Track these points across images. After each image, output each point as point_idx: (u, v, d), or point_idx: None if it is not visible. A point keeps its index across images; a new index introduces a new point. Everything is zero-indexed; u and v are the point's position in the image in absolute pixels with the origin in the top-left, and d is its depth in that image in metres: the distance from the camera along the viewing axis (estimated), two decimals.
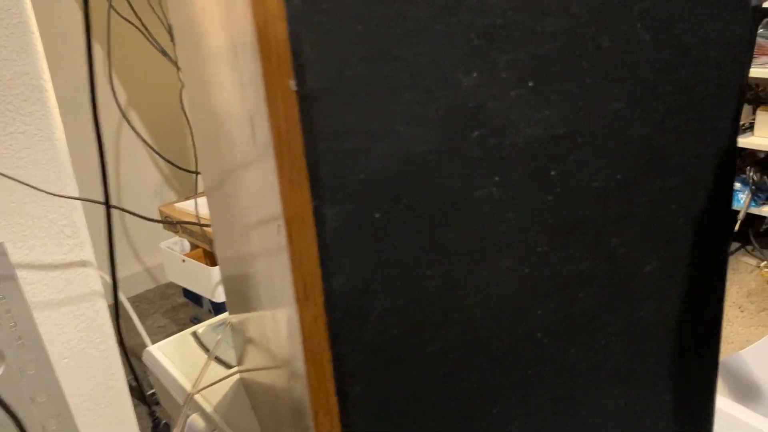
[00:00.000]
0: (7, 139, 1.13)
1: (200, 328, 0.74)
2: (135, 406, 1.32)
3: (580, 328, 0.37)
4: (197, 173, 2.03)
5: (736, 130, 0.37)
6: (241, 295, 0.56)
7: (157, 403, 0.99)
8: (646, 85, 0.34)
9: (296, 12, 0.27)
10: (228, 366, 0.67)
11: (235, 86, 0.35)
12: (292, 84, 0.28)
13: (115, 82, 2.15)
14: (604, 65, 0.32)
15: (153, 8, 1.79)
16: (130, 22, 1.82)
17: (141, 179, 2.34)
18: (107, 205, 0.85)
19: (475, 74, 0.30)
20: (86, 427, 1.30)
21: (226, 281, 0.61)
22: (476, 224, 0.32)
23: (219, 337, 0.70)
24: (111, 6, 1.79)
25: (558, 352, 0.37)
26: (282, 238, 0.31)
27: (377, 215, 0.31)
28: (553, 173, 0.33)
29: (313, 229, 0.30)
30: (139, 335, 1.96)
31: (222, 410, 0.61)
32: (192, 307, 1.97)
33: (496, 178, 0.32)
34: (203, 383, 0.64)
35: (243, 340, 0.62)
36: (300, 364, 0.34)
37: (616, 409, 0.40)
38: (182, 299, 2.37)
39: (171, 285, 2.50)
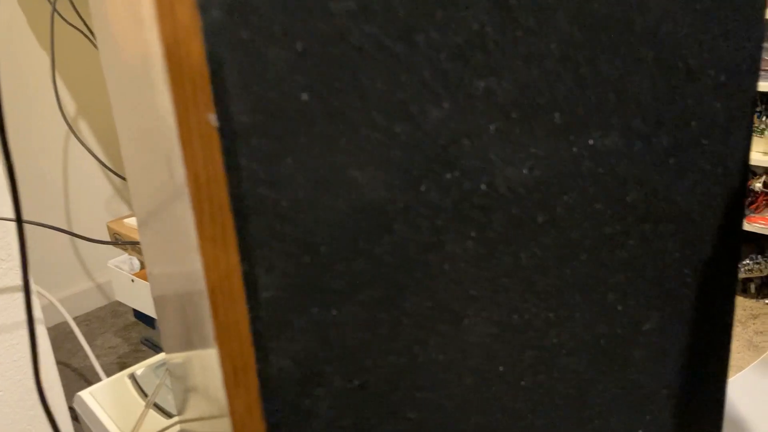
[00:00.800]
0: None
1: (139, 369, 0.67)
2: None
3: (570, 401, 0.31)
4: None
5: (747, 166, 0.31)
6: (176, 335, 0.50)
7: None
8: (648, 115, 0.28)
9: (216, 26, 0.21)
10: (168, 415, 0.60)
11: (150, 116, 0.28)
12: (213, 119, 0.22)
13: (62, 91, 2.04)
14: (601, 93, 0.27)
15: None
16: (76, 27, 1.72)
17: (91, 193, 2.23)
18: (19, 221, 0.76)
19: (445, 105, 0.24)
20: None
21: (159, 315, 0.54)
22: (447, 288, 0.26)
23: (158, 380, 0.63)
24: (55, 10, 1.70)
25: (546, 429, 0.31)
26: (206, 310, 0.25)
27: (324, 281, 0.24)
28: (539, 221, 0.28)
29: (243, 300, 0.24)
30: (87, 357, 1.85)
31: None
32: (143, 328, 1.87)
33: (472, 232, 0.26)
34: None
35: (181, 386, 0.55)
36: None
37: None
38: (130, 320, 2.27)
39: (123, 303, 2.39)
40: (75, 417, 1.24)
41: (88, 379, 1.87)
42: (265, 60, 0.21)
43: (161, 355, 0.70)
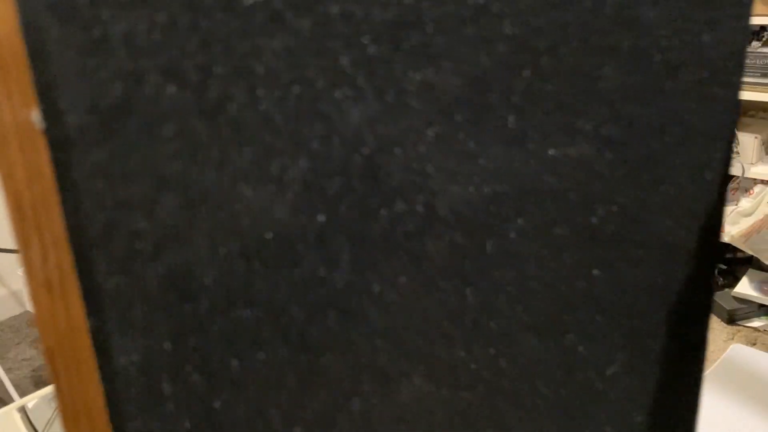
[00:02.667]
0: None
1: (31, 401, 0.59)
2: None
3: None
4: None
5: (727, 180, 0.27)
6: None
7: None
8: (620, 118, 0.23)
9: (35, 14, 0.14)
10: None
11: None
12: (37, 118, 0.15)
13: None
14: (565, 90, 0.21)
15: None
16: None
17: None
18: None
19: (369, 102, 0.18)
20: None
21: None
22: (374, 340, 0.20)
23: (51, 413, 0.55)
24: None
25: None
26: (48, 380, 0.18)
27: (206, 340, 0.18)
28: (489, 250, 0.22)
29: (95, 370, 0.17)
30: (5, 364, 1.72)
31: None
32: None
33: (404, 265, 0.20)
34: None
35: None
36: None
37: None
38: None
39: None
40: None
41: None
42: (103, 39, 0.15)
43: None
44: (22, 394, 1.65)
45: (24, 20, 0.14)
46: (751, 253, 1.36)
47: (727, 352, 0.76)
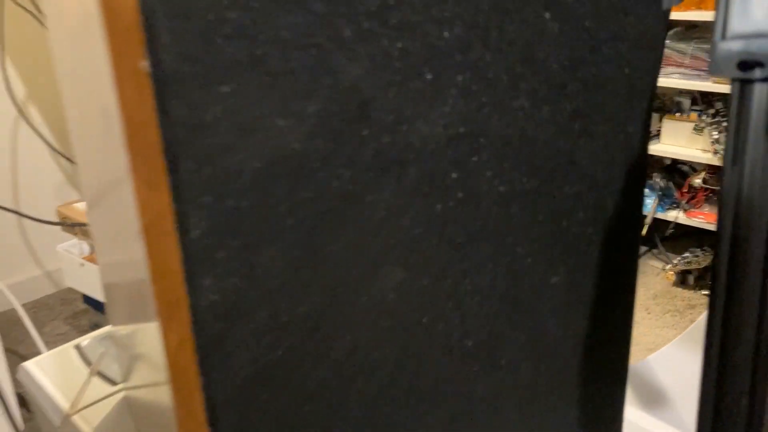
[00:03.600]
0: None
1: (84, 340, 0.68)
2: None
3: (481, 346, 0.34)
4: None
5: (647, 133, 0.35)
6: (120, 305, 0.51)
7: None
8: (553, 82, 0.31)
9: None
10: (113, 383, 0.61)
11: (89, 76, 0.30)
12: (145, 65, 0.24)
13: (12, 74, 2.00)
14: (509, 58, 0.30)
15: None
16: (26, 9, 1.69)
17: (40, 178, 2.19)
18: None
19: (364, 62, 0.27)
20: None
21: (106, 288, 0.55)
22: (366, 234, 0.29)
23: (103, 350, 0.64)
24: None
25: (458, 373, 0.34)
26: (140, 248, 0.27)
27: (249, 222, 0.27)
28: (453, 176, 0.30)
29: (175, 237, 0.26)
30: (34, 344, 1.83)
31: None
32: (92, 314, 1.85)
33: (389, 182, 0.29)
34: (83, 402, 0.58)
35: (125, 354, 0.56)
36: (166, 394, 0.29)
37: None
38: (84, 305, 2.24)
39: (73, 289, 2.36)
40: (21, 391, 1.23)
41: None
42: (192, 8, 0.23)
43: (107, 327, 0.70)
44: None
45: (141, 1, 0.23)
46: None
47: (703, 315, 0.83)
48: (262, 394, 0.29)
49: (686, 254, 1.86)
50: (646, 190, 2.24)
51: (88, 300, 1.76)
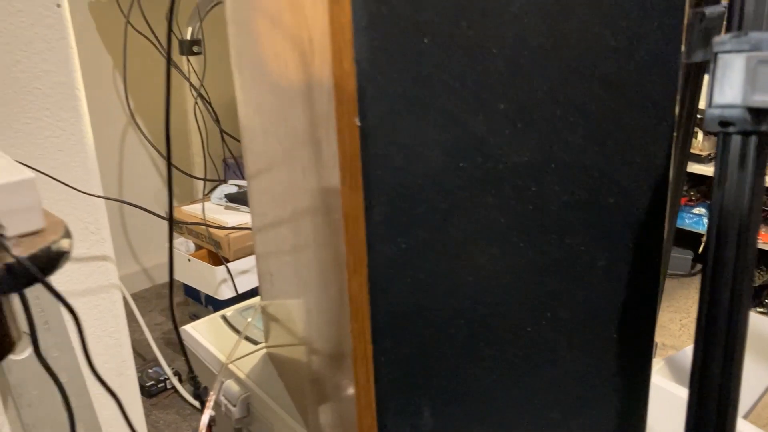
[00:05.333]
0: (44, 142, 1.25)
1: (228, 312, 0.87)
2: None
3: (545, 303, 0.50)
4: (206, 180, 2.15)
5: (668, 163, 0.50)
6: (278, 283, 0.69)
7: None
8: (598, 127, 0.47)
9: (364, 73, 0.40)
10: (255, 343, 0.79)
11: (304, 116, 0.48)
12: (357, 121, 0.41)
13: (121, 89, 2.26)
14: (570, 112, 0.46)
15: (168, 23, 1.92)
16: (144, 36, 1.94)
17: (143, 184, 2.44)
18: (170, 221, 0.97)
19: (480, 117, 0.44)
20: (100, 409, 1.41)
21: (263, 273, 0.73)
22: (476, 225, 0.46)
23: (250, 319, 0.83)
24: (128, 22, 1.91)
25: (527, 320, 0.50)
26: (340, 227, 0.44)
27: (406, 215, 0.44)
28: (533, 189, 0.47)
29: (363, 222, 0.43)
30: (136, 331, 2.06)
31: (252, 377, 0.73)
32: (191, 305, 2.07)
33: (492, 191, 0.45)
34: (235, 356, 0.77)
35: (273, 321, 0.74)
36: (346, 322, 0.47)
37: (562, 375, 0.53)
38: (178, 298, 2.48)
39: (167, 285, 2.60)
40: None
41: (139, 352, 2.07)
42: (386, 92, 0.41)
43: (246, 302, 0.89)
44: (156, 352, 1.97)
45: (358, 85, 0.40)
46: None
47: None
48: (408, 323, 0.46)
49: None
50: (703, 210, 2.34)
51: (188, 292, 1.98)
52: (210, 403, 0.72)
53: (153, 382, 1.87)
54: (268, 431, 0.70)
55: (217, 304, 1.80)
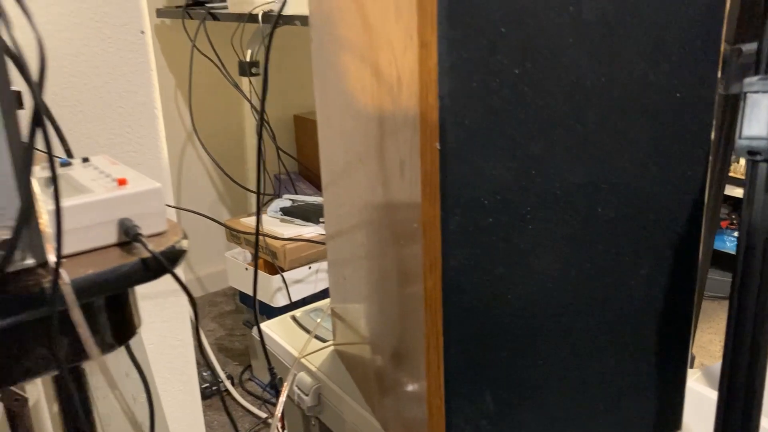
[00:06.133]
0: (125, 156, 1.37)
1: (297, 313, 0.96)
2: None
3: (592, 305, 0.57)
4: (260, 194, 2.25)
5: (704, 185, 0.57)
6: (350, 287, 0.77)
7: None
8: (642, 152, 0.55)
9: (445, 106, 0.49)
10: (323, 341, 0.88)
11: (386, 140, 0.56)
12: (437, 145, 0.50)
13: (182, 106, 2.39)
14: (617, 140, 0.54)
15: (233, 47, 2.04)
16: (208, 58, 2.06)
17: (199, 197, 2.57)
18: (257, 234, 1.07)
19: (540, 143, 0.52)
20: (164, 406, 1.51)
21: (335, 278, 0.82)
22: (534, 235, 0.54)
23: (319, 320, 0.91)
24: (194, 46, 2.04)
25: (577, 319, 0.57)
26: (418, 234, 0.52)
27: (475, 225, 0.52)
28: (584, 206, 0.54)
29: (439, 230, 0.52)
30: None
31: (323, 370, 0.82)
32: (246, 312, 2.17)
33: (549, 207, 0.53)
34: (306, 352, 0.85)
35: (343, 321, 0.83)
36: (420, 317, 0.55)
37: (606, 370, 0.60)
38: (229, 307, 2.59)
39: (218, 294, 2.72)
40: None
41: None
42: (461, 122, 0.49)
43: (315, 304, 0.98)
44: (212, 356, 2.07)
45: (440, 117, 0.49)
46: None
47: None
48: (475, 318, 0.54)
49: None
50: None
51: (244, 300, 2.08)
52: (285, 390, 0.81)
53: (207, 384, 1.97)
54: (337, 418, 0.78)
55: (270, 312, 1.90)
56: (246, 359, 2.20)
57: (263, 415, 1.88)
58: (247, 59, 2.06)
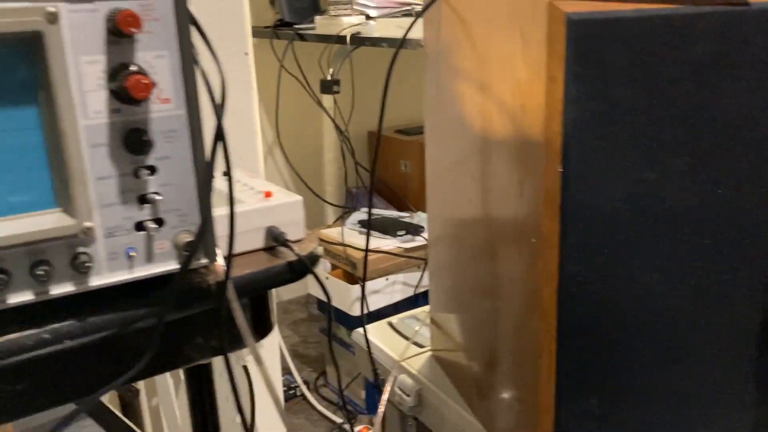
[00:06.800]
0: None
1: (393, 319, 1.02)
2: None
3: (696, 319, 0.62)
4: (343, 207, 2.35)
5: None
6: (455, 297, 0.83)
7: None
8: (748, 180, 0.59)
9: (568, 134, 0.54)
10: (420, 346, 0.94)
11: (506, 161, 0.62)
12: (559, 168, 0.55)
13: (263, 120, 2.50)
14: (726, 169, 0.58)
15: (321, 67, 2.14)
16: (295, 77, 2.17)
17: None
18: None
19: (654, 170, 0.57)
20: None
21: (437, 287, 0.88)
22: (644, 253, 0.58)
23: (417, 327, 0.98)
24: (282, 66, 2.15)
25: (681, 332, 0.62)
26: (537, 248, 0.58)
27: (590, 241, 0.57)
28: (689, 228, 0.59)
29: (557, 245, 0.57)
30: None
31: (423, 373, 0.88)
32: (322, 320, 2.25)
33: (658, 228, 0.58)
34: (406, 356, 0.91)
35: (442, 328, 0.89)
36: (533, 324, 0.60)
37: (706, 379, 0.64)
38: (302, 315, 2.68)
39: (292, 302, 2.82)
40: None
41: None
42: (581, 149, 0.55)
43: (412, 311, 1.04)
44: (284, 362, 2.15)
45: (564, 146, 0.54)
46: None
47: None
48: (590, 327, 0.59)
49: None
50: None
51: (321, 308, 2.16)
52: (387, 390, 0.87)
53: (285, 388, 2.06)
54: (438, 417, 0.84)
55: (347, 321, 1.97)
56: (319, 366, 2.28)
57: (339, 420, 1.95)
58: (329, 77, 2.16)
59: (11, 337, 0.50)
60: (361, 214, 2.12)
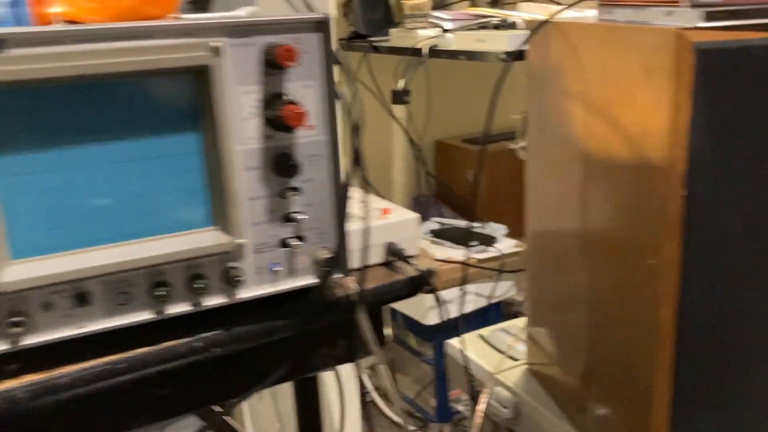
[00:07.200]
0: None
1: (485, 332, 1.04)
2: None
3: None
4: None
5: None
6: (557, 313, 0.85)
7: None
8: None
9: (692, 159, 0.56)
10: (514, 359, 0.95)
11: (623, 184, 0.64)
12: (683, 191, 0.57)
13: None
14: None
15: (395, 79, 2.18)
16: (368, 88, 2.22)
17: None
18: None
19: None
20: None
21: (536, 302, 0.90)
22: (760, 280, 0.59)
23: (510, 341, 1.00)
24: (357, 78, 2.20)
25: None
26: (656, 269, 0.59)
27: (709, 263, 0.58)
28: None
29: (677, 267, 0.58)
30: None
31: (519, 386, 0.90)
32: (393, 328, 2.28)
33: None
34: (501, 368, 0.93)
35: (539, 342, 0.90)
36: (648, 342, 0.61)
37: None
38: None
39: None
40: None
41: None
42: (700, 178, 0.56)
43: (504, 323, 1.06)
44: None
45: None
46: None
47: None
48: (700, 346, 0.60)
49: None
50: None
51: (395, 315, 2.19)
52: (483, 401, 0.89)
53: None
54: (537, 430, 0.85)
55: (417, 329, 2.00)
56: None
57: (411, 427, 1.97)
58: (400, 88, 2.19)
59: (167, 345, 0.55)
60: (433, 224, 2.14)
